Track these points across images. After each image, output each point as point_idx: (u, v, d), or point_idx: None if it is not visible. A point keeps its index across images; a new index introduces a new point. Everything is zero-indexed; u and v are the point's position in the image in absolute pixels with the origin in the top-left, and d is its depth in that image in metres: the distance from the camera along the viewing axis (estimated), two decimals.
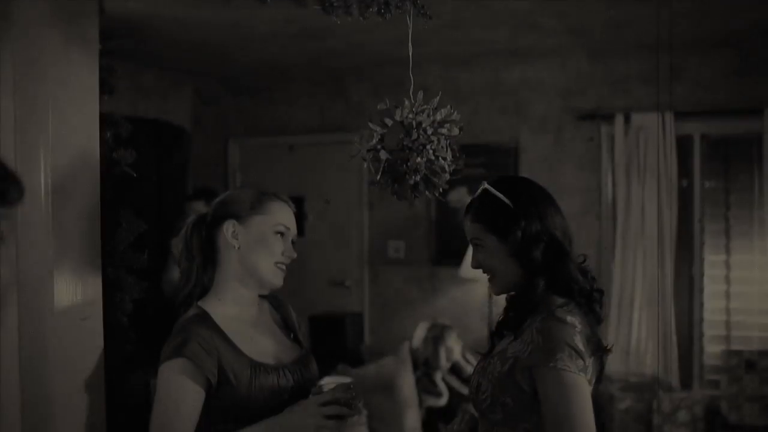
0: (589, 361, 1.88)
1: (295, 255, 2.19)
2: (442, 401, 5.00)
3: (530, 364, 1.86)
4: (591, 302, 1.99)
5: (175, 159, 6.15)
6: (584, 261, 2.06)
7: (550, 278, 1.98)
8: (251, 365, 2.06)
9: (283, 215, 2.19)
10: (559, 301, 1.95)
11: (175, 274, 4.93)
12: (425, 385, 5.02)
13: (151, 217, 5.53)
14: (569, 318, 1.88)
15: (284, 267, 2.19)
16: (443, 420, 4.94)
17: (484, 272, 2.08)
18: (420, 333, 5.27)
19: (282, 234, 2.17)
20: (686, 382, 5.18)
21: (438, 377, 5.04)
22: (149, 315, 4.52)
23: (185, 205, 5.13)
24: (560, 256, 1.99)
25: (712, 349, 5.22)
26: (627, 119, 5.24)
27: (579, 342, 1.85)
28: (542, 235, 1.98)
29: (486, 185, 2.07)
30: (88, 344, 2.21)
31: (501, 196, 2.02)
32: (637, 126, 5.19)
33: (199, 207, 4.92)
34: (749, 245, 5.16)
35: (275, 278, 2.17)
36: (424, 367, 5.07)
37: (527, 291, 1.98)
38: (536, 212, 2.00)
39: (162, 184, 5.96)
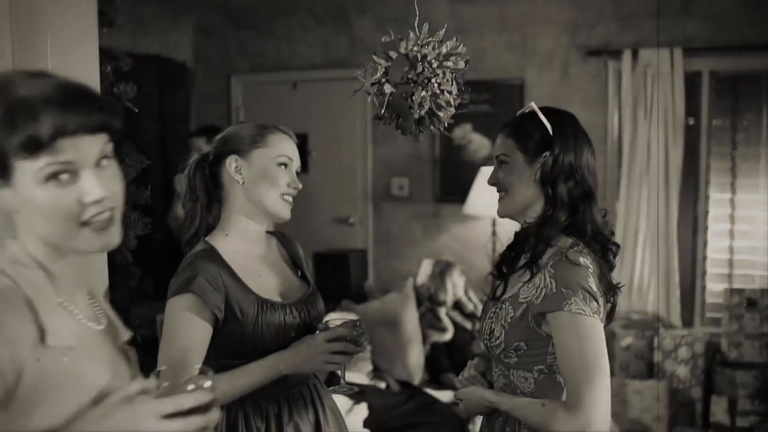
0: (602, 302, 1.88)
1: (300, 185, 2.19)
2: (447, 336, 5.05)
3: (544, 309, 1.85)
4: (606, 251, 1.99)
5: (177, 96, 6.12)
6: (605, 215, 2.04)
7: (571, 216, 1.97)
8: (258, 302, 2.08)
9: (284, 146, 2.17)
10: (569, 241, 1.93)
11: (180, 211, 4.97)
12: (430, 320, 5.06)
13: (154, 154, 5.57)
14: (582, 260, 1.87)
15: (290, 199, 2.18)
16: (448, 355, 5.00)
17: (498, 190, 2.06)
18: (425, 269, 5.30)
19: (285, 165, 2.16)
20: (688, 320, 5.22)
21: (442, 313, 5.08)
22: (154, 251, 4.56)
23: (188, 143, 5.12)
24: (587, 197, 1.98)
25: (714, 288, 5.24)
26: (635, 55, 5.17)
27: (592, 283, 1.85)
28: (574, 171, 1.96)
29: (532, 105, 2.04)
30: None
31: (544, 119, 2.00)
32: (645, 62, 5.12)
33: (201, 144, 4.90)
34: (755, 184, 5.14)
35: (282, 211, 2.17)
36: (429, 302, 5.11)
37: (546, 224, 1.96)
38: (573, 147, 1.98)
39: (165, 121, 5.94)
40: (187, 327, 2.02)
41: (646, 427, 4.66)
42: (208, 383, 1.28)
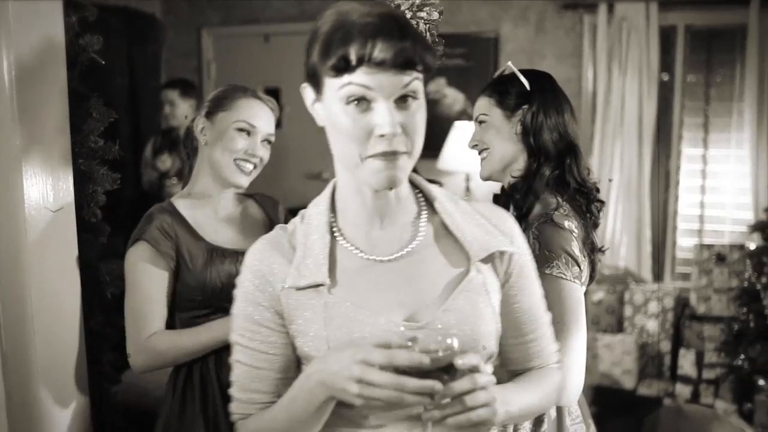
0: (584, 265, 1.88)
1: (262, 154, 2.16)
2: None
3: None
4: (590, 207, 1.98)
5: (147, 49, 5.99)
6: (589, 173, 2.04)
7: (557, 169, 1.96)
8: (207, 249, 2.09)
9: (249, 112, 2.15)
10: (554, 202, 1.92)
11: (150, 169, 4.92)
12: None
13: (123, 109, 5.47)
14: (567, 223, 1.86)
15: (248, 167, 2.16)
16: None
17: (479, 152, 2.06)
18: None
19: (246, 132, 2.14)
20: (658, 275, 5.28)
21: None
22: (125, 207, 4.50)
23: (160, 95, 5.04)
24: (571, 150, 1.98)
25: (684, 243, 5.29)
26: (610, 9, 5.14)
27: (575, 248, 1.84)
28: (557, 124, 1.97)
29: (509, 64, 2.03)
30: (61, 236, 2.18)
31: (521, 76, 1.99)
32: (621, 16, 5.09)
33: (174, 97, 4.84)
34: (726, 139, 5.17)
35: (234, 176, 2.15)
36: None
37: (532, 177, 1.96)
38: (552, 101, 1.99)
39: (134, 75, 5.83)
40: (144, 277, 2.06)
41: (616, 381, 4.73)
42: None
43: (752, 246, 4.33)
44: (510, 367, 1.50)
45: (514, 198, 1.97)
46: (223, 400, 2.08)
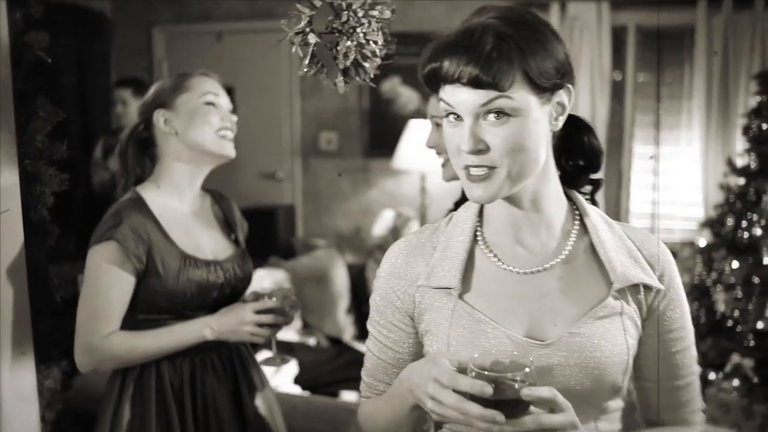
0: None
1: (234, 119, 2.16)
2: None
3: None
4: None
5: (96, 47, 5.89)
6: None
7: None
8: (181, 257, 2.03)
9: (206, 85, 2.13)
10: None
11: (99, 169, 4.83)
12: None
13: (72, 108, 5.37)
14: None
15: (230, 135, 2.14)
16: None
17: (437, 153, 2.04)
18: (386, 221, 5.24)
19: (213, 104, 2.11)
20: None
21: None
22: (75, 209, 4.42)
23: (112, 93, 4.97)
24: None
25: None
26: (563, 8, 5.19)
27: None
28: None
29: None
30: (7, 239, 2.13)
31: None
32: (573, 15, 5.15)
33: (126, 95, 4.76)
34: (677, 137, 5.25)
35: (222, 148, 2.12)
36: (381, 254, 5.08)
37: None
38: None
39: (83, 73, 5.73)
40: (108, 277, 1.98)
41: None
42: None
43: (702, 243, 4.39)
44: (649, 415, 1.42)
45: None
46: (177, 406, 2.06)
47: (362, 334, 4.89)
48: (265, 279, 4.24)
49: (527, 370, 1.11)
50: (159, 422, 2.05)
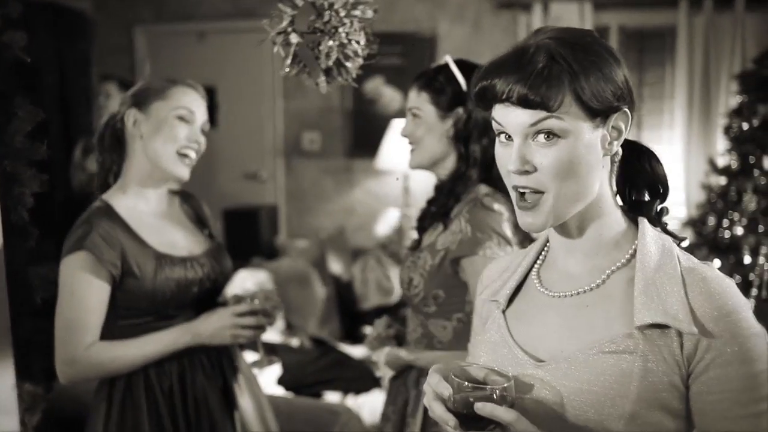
0: (516, 249, 1.89)
1: (201, 142, 2.10)
2: (390, 297, 5.01)
3: (460, 254, 1.87)
4: None
5: (76, 47, 5.84)
6: None
7: (485, 173, 1.95)
8: (156, 256, 2.02)
9: (185, 99, 2.08)
10: (485, 189, 1.93)
11: (80, 170, 4.79)
12: (377, 276, 5.01)
13: (53, 109, 5.32)
14: (496, 206, 1.88)
15: (192, 155, 2.09)
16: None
17: (409, 142, 2.04)
18: (391, 221, 5.22)
19: (185, 120, 2.07)
20: None
21: (393, 272, 5.01)
22: (56, 210, 4.38)
23: (95, 90, 4.93)
24: None
25: None
26: (545, 9, 5.20)
27: (507, 230, 1.86)
28: (489, 130, 1.91)
29: (447, 58, 2.00)
30: None
31: (458, 74, 1.96)
32: (555, 16, 5.16)
33: (111, 88, 4.74)
34: (659, 137, 5.28)
35: (177, 168, 2.07)
36: (383, 252, 5.06)
37: (459, 181, 1.96)
38: None
39: (64, 73, 5.67)
40: (84, 288, 1.95)
41: None
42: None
43: (684, 242, 4.42)
44: None
45: (438, 198, 1.98)
46: (168, 408, 2.05)
47: (346, 334, 4.88)
48: (248, 280, 4.22)
49: (506, 386, 1.14)
50: (151, 426, 2.03)
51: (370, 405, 3.66)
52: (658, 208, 1.36)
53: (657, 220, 1.35)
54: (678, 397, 1.19)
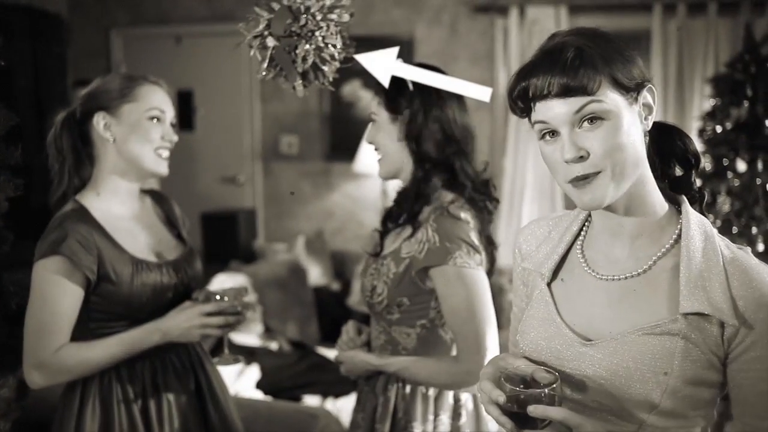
0: (484, 255, 1.90)
1: (175, 138, 2.11)
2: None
3: (428, 263, 1.86)
4: (486, 201, 1.98)
5: (52, 50, 5.80)
6: (485, 168, 2.02)
7: (445, 174, 1.94)
8: (133, 262, 2.01)
9: (155, 98, 2.07)
10: (450, 196, 1.92)
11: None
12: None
13: (28, 112, 5.28)
14: (463, 214, 1.88)
15: (167, 153, 2.09)
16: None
17: (375, 149, 2.03)
18: None
19: (157, 119, 2.07)
20: None
21: None
22: (31, 214, 4.35)
23: (71, 93, 4.89)
24: (461, 153, 1.95)
25: None
26: (522, 13, 5.23)
27: (474, 237, 1.86)
28: (441, 127, 1.92)
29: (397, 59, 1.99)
30: None
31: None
32: (532, 20, 5.19)
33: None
34: None
35: (158, 166, 2.08)
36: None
37: (418, 184, 1.94)
38: (436, 103, 1.93)
39: (39, 77, 5.64)
40: (56, 292, 1.93)
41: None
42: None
43: None
44: None
45: (402, 205, 1.97)
46: (141, 410, 2.04)
47: (325, 337, 4.88)
48: (226, 284, 4.21)
49: (554, 385, 1.23)
50: (123, 427, 2.02)
51: (349, 408, 3.66)
52: (697, 184, 1.44)
53: (698, 198, 1.43)
54: (715, 372, 1.29)
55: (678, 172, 1.43)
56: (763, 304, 1.26)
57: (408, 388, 1.96)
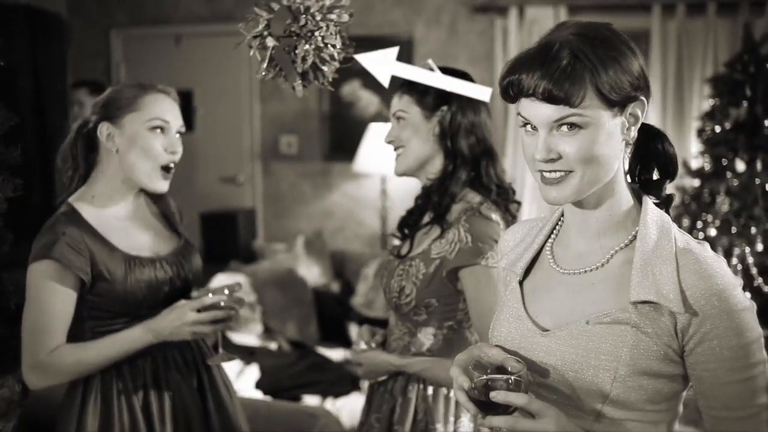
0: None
1: (178, 150, 2.09)
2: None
3: (460, 263, 1.87)
4: (508, 205, 2.02)
5: (52, 50, 5.80)
6: (504, 174, 2.07)
7: (473, 173, 1.98)
8: (125, 260, 2.01)
9: (158, 108, 2.05)
10: (478, 197, 1.95)
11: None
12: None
13: (28, 112, 5.28)
14: (494, 215, 1.90)
15: (169, 169, 2.08)
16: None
17: (394, 148, 2.05)
18: None
19: (161, 129, 2.05)
20: None
21: None
22: (32, 215, 4.35)
23: (69, 95, 4.90)
24: (488, 154, 2.00)
25: None
26: (521, 13, 5.24)
27: None
28: (474, 127, 1.98)
29: (429, 62, 2.02)
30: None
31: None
32: (531, 20, 5.20)
33: (83, 96, 4.71)
34: None
35: (155, 183, 2.07)
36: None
37: (449, 180, 1.97)
38: (470, 105, 1.99)
39: (39, 77, 5.63)
40: (49, 295, 1.94)
41: None
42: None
43: None
44: None
45: (431, 200, 1.99)
46: (143, 406, 2.05)
47: (324, 337, 4.88)
48: (225, 283, 4.21)
49: (521, 373, 1.27)
50: (125, 425, 2.03)
51: (348, 408, 3.66)
52: (667, 190, 1.45)
53: (665, 203, 1.44)
54: (672, 365, 1.31)
55: (655, 176, 1.45)
56: (712, 295, 1.27)
57: (430, 390, 1.97)
